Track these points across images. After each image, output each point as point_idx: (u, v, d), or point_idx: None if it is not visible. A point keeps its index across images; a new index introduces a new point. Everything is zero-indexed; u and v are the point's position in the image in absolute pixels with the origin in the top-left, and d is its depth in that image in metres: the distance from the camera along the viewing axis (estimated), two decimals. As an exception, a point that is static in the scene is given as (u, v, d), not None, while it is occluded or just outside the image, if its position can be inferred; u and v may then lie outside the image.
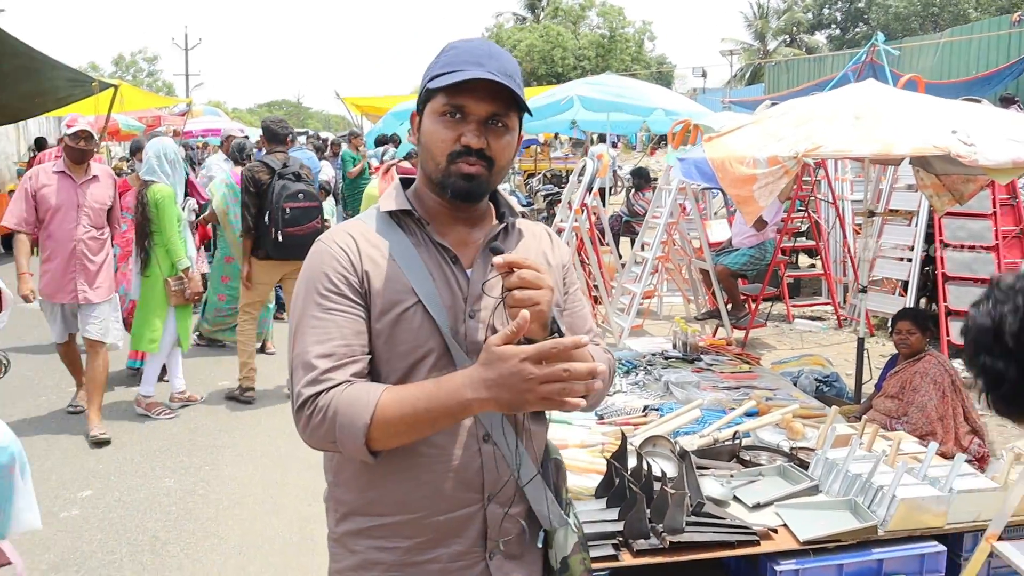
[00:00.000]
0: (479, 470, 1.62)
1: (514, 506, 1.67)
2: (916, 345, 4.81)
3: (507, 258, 1.45)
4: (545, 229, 1.89)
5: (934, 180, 5.16)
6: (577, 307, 1.84)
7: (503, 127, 1.62)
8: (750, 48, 46.47)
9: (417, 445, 1.57)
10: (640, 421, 4.33)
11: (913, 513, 3.19)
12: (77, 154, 5.71)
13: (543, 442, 1.78)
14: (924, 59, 16.05)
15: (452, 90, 1.57)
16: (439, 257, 1.66)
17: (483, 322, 1.62)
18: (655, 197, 8.52)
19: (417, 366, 1.60)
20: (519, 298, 1.43)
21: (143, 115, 21.23)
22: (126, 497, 4.80)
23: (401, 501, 1.61)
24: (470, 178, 1.60)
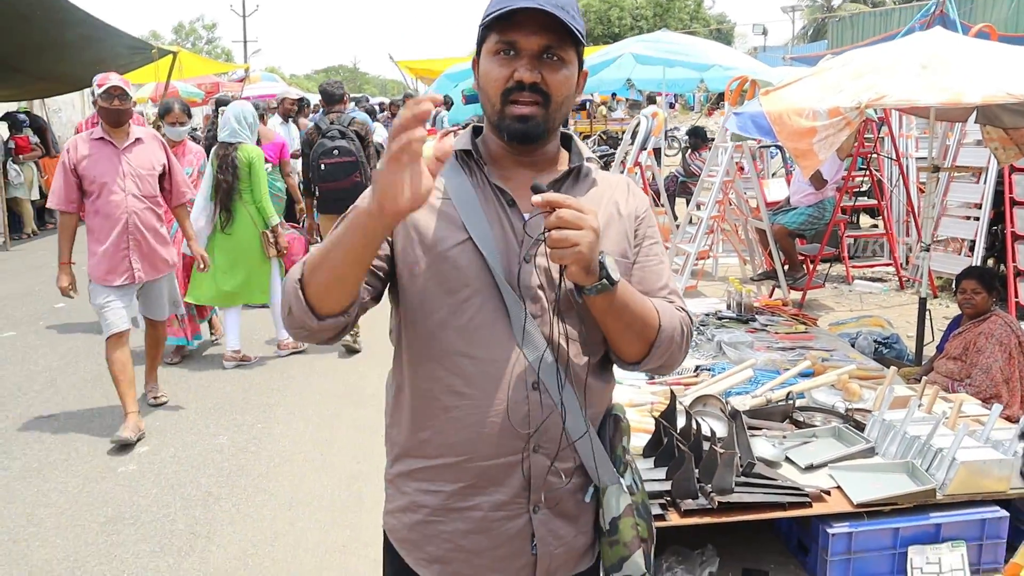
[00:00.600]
0: (525, 417, 1.55)
1: (562, 460, 1.60)
2: (981, 305, 4.63)
3: (546, 197, 1.38)
4: (626, 180, 1.81)
5: (1001, 134, 4.93)
6: (651, 261, 1.73)
7: (558, 60, 1.56)
8: (813, 4, 45.10)
9: (465, 386, 1.55)
10: (691, 381, 4.25)
11: (974, 477, 3.08)
12: (113, 115, 4.97)
13: (604, 398, 1.70)
14: (998, 10, 15.34)
15: (502, 25, 1.53)
16: (496, 199, 1.61)
17: (539, 267, 1.57)
18: (711, 155, 8.32)
19: (464, 305, 1.56)
20: (556, 238, 1.37)
21: (202, 82, 21.49)
22: (181, 453, 4.88)
23: (446, 443, 1.59)
24: (525, 119, 1.55)
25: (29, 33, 10.84)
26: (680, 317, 1.67)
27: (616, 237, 1.67)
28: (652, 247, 1.75)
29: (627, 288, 1.54)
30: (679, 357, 1.68)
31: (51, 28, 10.95)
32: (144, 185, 5.10)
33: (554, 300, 1.57)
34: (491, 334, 1.56)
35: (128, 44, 13.14)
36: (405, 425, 1.65)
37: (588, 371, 1.62)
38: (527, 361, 1.56)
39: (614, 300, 1.50)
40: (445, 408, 1.58)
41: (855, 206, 9.24)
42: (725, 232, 9.17)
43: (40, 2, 9.90)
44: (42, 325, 7.73)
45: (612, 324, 1.56)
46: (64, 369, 6.43)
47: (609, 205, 1.69)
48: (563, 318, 1.59)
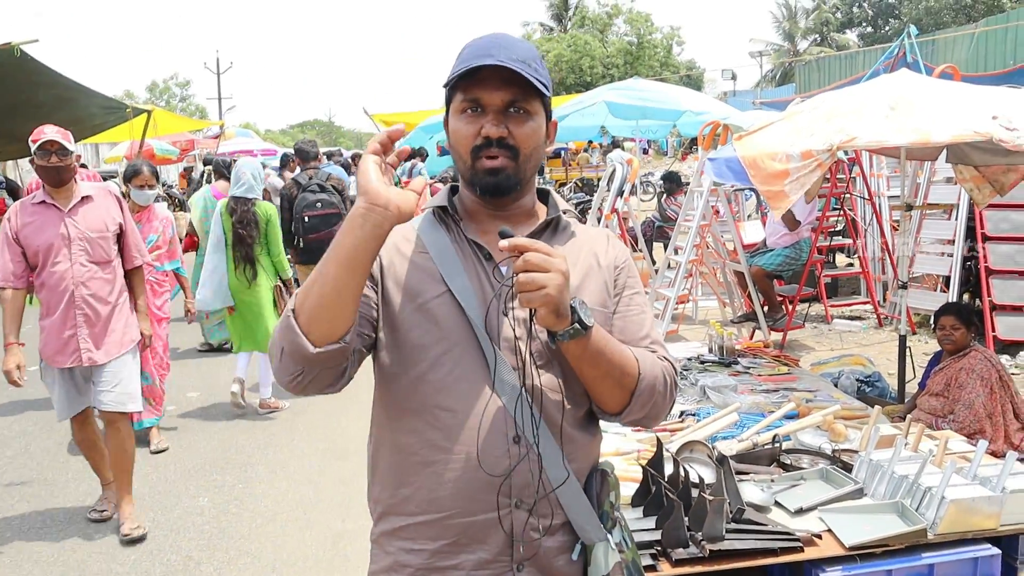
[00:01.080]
0: (507, 471, 1.54)
1: (545, 516, 1.58)
2: (961, 341, 4.65)
3: (513, 241, 1.40)
4: (606, 232, 1.83)
5: (973, 173, 5.00)
6: (632, 311, 1.72)
7: (524, 113, 1.58)
8: (780, 49, 46.09)
9: (444, 441, 1.54)
10: (676, 427, 4.22)
11: (964, 515, 3.06)
12: (52, 174, 4.33)
13: (589, 452, 1.68)
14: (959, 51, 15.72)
15: (466, 84, 1.56)
16: (472, 254, 1.63)
17: (517, 319, 1.57)
18: (687, 200, 8.40)
19: (443, 357, 1.56)
20: (523, 281, 1.39)
21: (177, 139, 21.55)
22: (160, 517, 4.78)
23: (428, 499, 1.57)
24: (495, 172, 1.58)
25: (2, 95, 10.84)
26: (663, 366, 1.65)
27: (595, 288, 1.67)
28: (633, 297, 1.74)
29: (603, 335, 1.53)
30: (664, 407, 1.67)
31: (23, 89, 10.96)
32: (95, 250, 4.43)
33: (538, 352, 1.57)
34: (470, 387, 1.55)
35: (102, 104, 13.16)
36: (387, 482, 1.64)
37: (570, 424, 1.61)
38: (507, 414, 1.54)
39: (588, 346, 1.49)
40: (426, 463, 1.56)
41: (831, 246, 9.33)
42: (704, 275, 9.22)
43: (13, 63, 9.92)
44: (14, 390, 7.58)
45: (588, 372, 1.54)
46: (38, 434, 6.31)
47: (588, 257, 1.70)
48: (543, 369, 1.58)
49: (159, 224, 6.00)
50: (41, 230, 4.35)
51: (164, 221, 6.06)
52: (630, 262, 1.79)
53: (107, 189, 4.68)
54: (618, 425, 4.36)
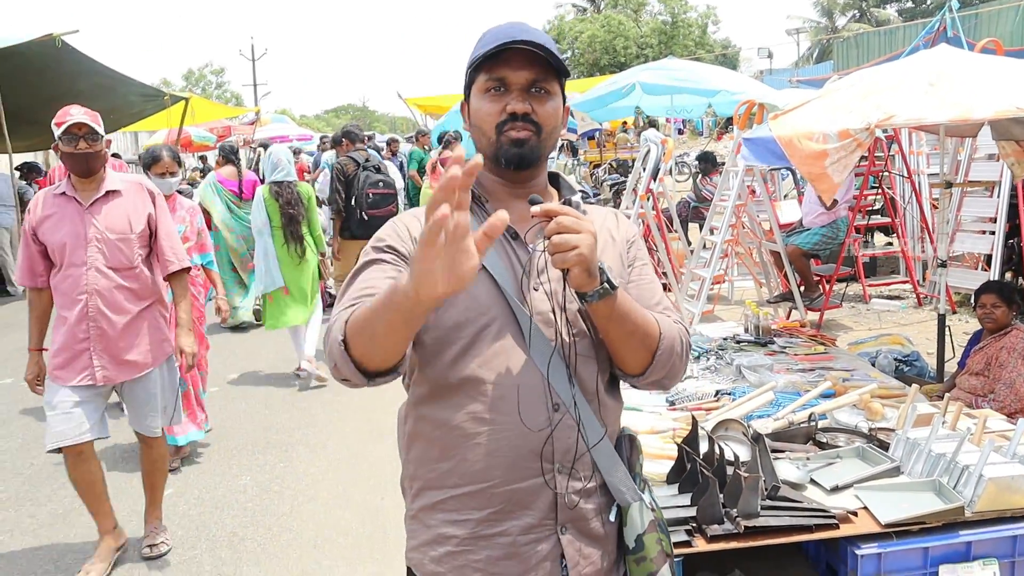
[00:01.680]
0: (548, 439, 1.60)
1: (586, 480, 1.65)
2: (1002, 319, 4.60)
3: (544, 206, 1.47)
4: (612, 211, 1.90)
5: (1015, 147, 4.92)
6: (644, 280, 1.80)
7: (545, 92, 1.66)
8: (817, 26, 45.35)
9: (486, 412, 1.59)
10: (712, 406, 4.23)
11: (1003, 493, 3.04)
12: (80, 162, 3.79)
13: (618, 416, 1.77)
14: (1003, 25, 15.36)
15: (490, 65, 1.64)
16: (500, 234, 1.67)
17: (548, 294, 1.64)
18: (722, 180, 8.34)
19: (482, 333, 1.61)
20: (556, 243, 1.44)
21: (214, 126, 21.78)
22: (205, 495, 4.90)
23: (471, 471, 1.62)
24: (520, 143, 1.64)
25: (43, 85, 11.04)
26: (679, 328, 1.73)
27: (612, 261, 1.74)
28: (644, 268, 1.83)
29: (627, 297, 1.60)
30: (681, 368, 1.73)
31: (64, 79, 11.16)
32: (113, 254, 3.84)
33: (568, 323, 1.64)
34: (509, 360, 1.61)
35: (140, 92, 13.37)
36: (426, 458, 1.68)
37: (602, 388, 1.69)
38: (546, 384, 1.61)
39: (615, 306, 1.55)
40: (467, 435, 1.61)
41: (869, 225, 9.23)
42: (739, 256, 9.17)
43: (55, 55, 10.10)
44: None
45: (615, 332, 1.61)
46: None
47: (603, 232, 1.77)
48: (576, 338, 1.65)
49: (185, 214, 5.39)
50: (58, 227, 3.80)
51: (191, 211, 5.47)
52: (639, 236, 1.88)
53: (139, 183, 4.09)
54: (653, 402, 4.38)
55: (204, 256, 5.54)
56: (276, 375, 7.33)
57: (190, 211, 5.48)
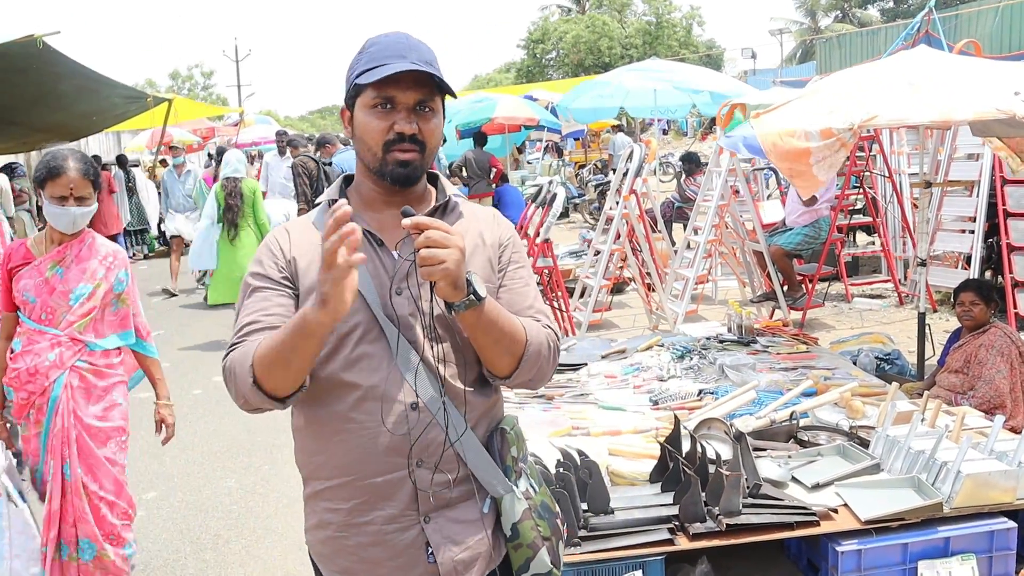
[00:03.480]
0: (406, 436, 1.71)
1: (447, 472, 1.75)
2: (980, 317, 4.65)
3: (415, 219, 1.54)
4: (492, 212, 1.99)
5: (998, 143, 4.98)
6: (516, 284, 1.88)
7: (430, 111, 1.76)
8: (801, 26, 45.58)
9: (349, 412, 1.71)
10: (695, 405, 4.26)
11: (980, 489, 3.09)
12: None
13: (489, 412, 1.85)
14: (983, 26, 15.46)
15: (380, 83, 1.70)
16: (367, 242, 1.76)
17: (411, 298, 1.74)
18: (705, 180, 8.39)
19: (346, 339, 1.72)
20: (424, 256, 1.52)
21: (197, 127, 21.69)
22: (189, 498, 4.89)
23: (338, 464, 1.75)
24: (406, 164, 1.74)
25: (25, 86, 10.95)
26: (546, 333, 1.82)
27: (480, 264, 1.82)
28: (518, 271, 1.90)
29: (494, 305, 1.69)
30: (548, 370, 1.83)
31: (46, 81, 11.07)
32: None
33: (430, 325, 1.74)
34: (371, 362, 1.72)
35: (123, 94, 13.26)
36: (305, 449, 1.82)
37: (466, 387, 1.78)
38: (405, 384, 1.72)
39: (482, 315, 1.63)
40: (335, 432, 1.74)
41: (851, 224, 9.29)
42: (723, 255, 9.21)
43: (36, 55, 10.02)
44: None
45: (482, 339, 1.70)
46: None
47: (474, 235, 1.85)
48: (438, 340, 1.75)
49: (97, 265, 3.44)
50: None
51: (110, 259, 3.49)
52: (515, 239, 1.94)
53: None
54: (637, 403, 4.41)
55: (124, 335, 3.58)
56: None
57: (108, 260, 3.48)
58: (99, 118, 13.81)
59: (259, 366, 1.62)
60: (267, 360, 1.61)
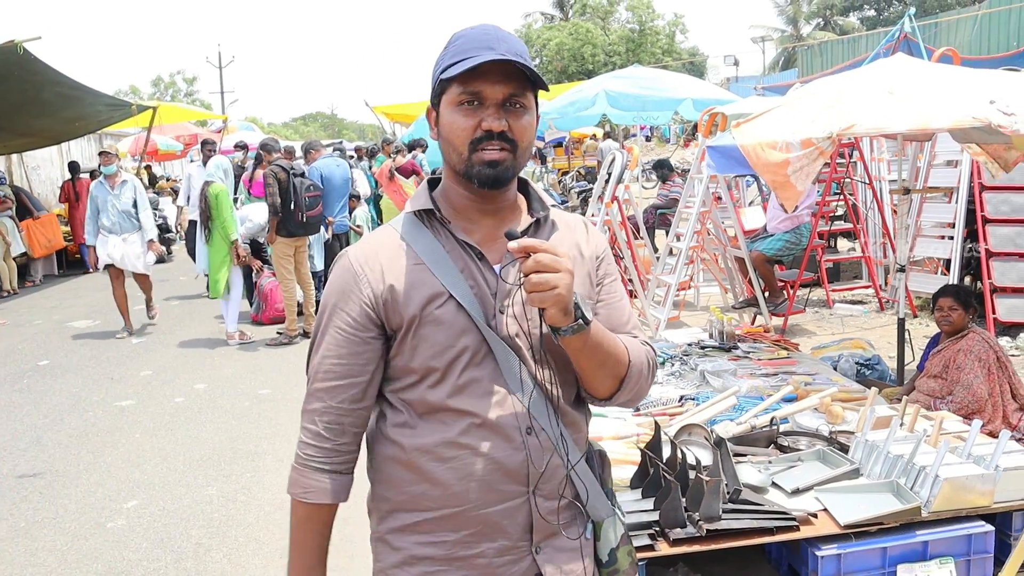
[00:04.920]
0: (523, 462, 1.61)
1: (561, 499, 1.66)
2: (958, 322, 4.69)
3: (522, 242, 1.44)
4: (582, 220, 1.85)
5: (977, 149, 5.03)
6: (614, 298, 1.79)
7: (521, 107, 1.59)
8: (783, 34, 45.90)
9: (459, 438, 1.59)
10: (676, 411, 4.28)
11: (958, 493, 3.11)
12: None
13: (586, 431, 1.77)
14: (962, 34, 15.64)
15: (466, 77, 1.55)
16: (464, 255, 1.63)
17: (515, 316, 1.61)
18: (687, 186, 8.44)
19: (455, 362, 1.60)
20: (535, 282, 1.42)
21: (180, 134, 21.63)
22: (170, 506, 4.86)
23: (447, 495, 1.62)
24: (495, 164, 1.57)
25: (7, 93, 10.92)
26: (646, 351, 1.74)
27: (580, 279, 1.70)
28: (613, 285, 1.80)
29: (599, 327, 1.58)
30: (645, 389, 1.75)
31: (28, 88, 11.06)
32: None
33: (537, 345, 1.63)
34: (482, 385, 1.60)
35: (107, 103, 13.27)
36: (397, 480, 1.66)
37: (571, 409, 1.69)
38: (519, 408, 1.61)
39: (588, 339, 1.54)
40: (442, 460, 1.60)
41: (832, 231, 9.36)
42: (705, 262, 9.26)
43: (17, 62, 9.99)
44: (25, 383, 7.69)
45: (586, 362, 1.60)
46: (49, 427, 6.39)
47: (571, 248, 1.72)
48: (544, 363, 1.64)
49: None
50: None
51: None
52: (608, 250, 1.83)
53: None
54: (617, 409, 4.41)
55: None
56: (242, 385, 7.29)
57: None
58: (82, 123, 13.80)
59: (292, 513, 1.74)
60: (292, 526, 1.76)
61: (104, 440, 6.03)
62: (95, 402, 6.92)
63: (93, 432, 6.20)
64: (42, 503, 4.98)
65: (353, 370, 1.64)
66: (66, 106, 12.32)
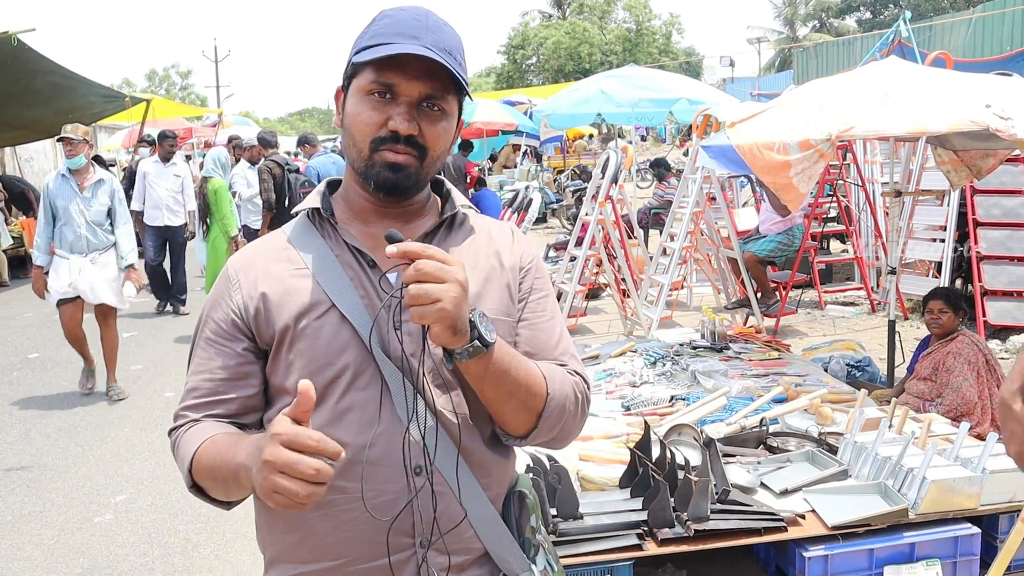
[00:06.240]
0: (409, 509, 1.38)
1: (460, 553, 1.43)
2: (948, 325, 4.71)
3: (402, 247, 1.22)
4: (509, 227, 1.63)
5: (952, 156, 5.06)
6: (539, 318, 1.54)
7: (439, 111, 1.42)
8: (779, 36, 46.00)
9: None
10: (666, 411, 4.29)
11: (945, 495, 3.13)
12: None
13: (504, 474, 1.52)
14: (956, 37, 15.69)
15: (381, 65, 1.37)
16: (355, 262, 1.45)
17: (412, 334, 1.40)
18: (680, 187, 8.45)
19: (333, 384, 1.39)
20: (413, 294, 1.21)
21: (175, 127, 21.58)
22: (159, 501, 4.85)
23: (320, 545, 1.41)
24: (396, 168, 1.40)
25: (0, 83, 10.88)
26: (573, 382, 1.49)
27: (497, 293, 1.50)
28: (542, 301, 1.56)
29: (506, 351, 1.36)
30: (574, 427, 1.51)
31: (21, 78, 11.02)
32: None
33: (426, 370, 1.40)
34: (364, 414, 1.38)
35: (100, 93, 13.24)
36: (273, 526, 1.47)
37: (479, 447, 1.45)
38: (408, 442, 1.36)
39: (489, 365, 1.32)
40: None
41: (824, 232, 9.38)
42: (698, 262, 9.27)
43: (11, 52, 9.96)
44: (15, 376, 7.66)
45: (491, 393, 1.37)
46: (38, 420, 6.36)
47: (489, 257, 1.53)
48: (443, 388, 1.42)
49: None
50: None
51: None
52: (538, 261, 1.61)
53: None
54: (608, 408, 4.41)
55: None
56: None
57: None
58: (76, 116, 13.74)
59: (199, 476, 1.38)
60: (206, 477, 1.37)
61: (93, 434, 6.01)
62: (85, 396, 6.89)
63: (82, 426, 6.18)
64: (29, 497, 4.97)
65: (223, 387, 1.45)
66: (59, 96, 12.29)
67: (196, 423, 1.45)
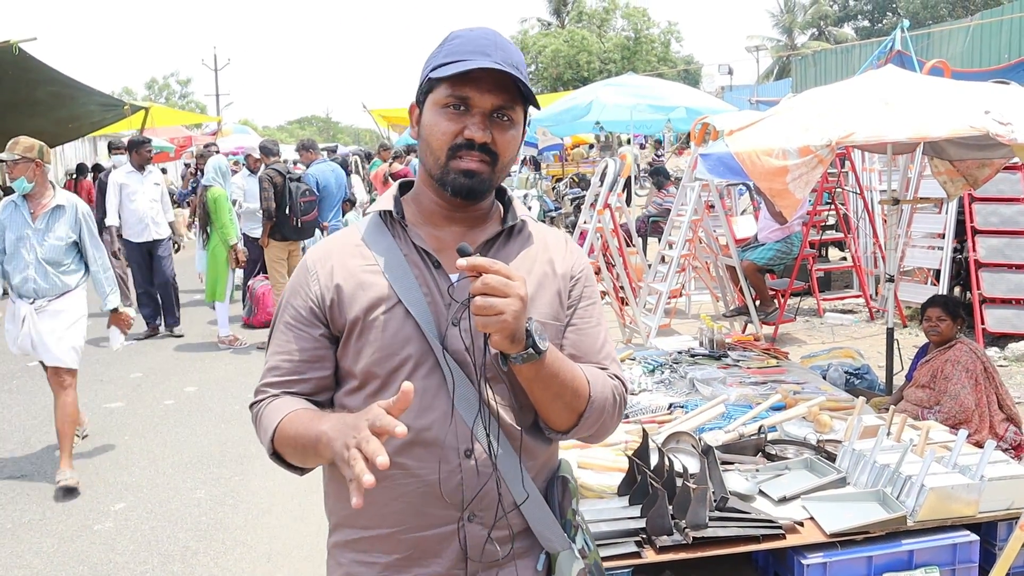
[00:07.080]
0: (458, 486, 1.53)
1: (501, 528, 1.57)
2: (947, 332, 4.72)
3: (472, 261, 1.35)
4: (563, 236, 1.77)
5: (948, 166, 5.07)
6: (587, 324, 1.68)
7: (508, 121, 1.55)
8: (778, 43, 46.10)
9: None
10: (665, 419, 4.29)
11: (943, 502, 3.13)
12: None
13: (548, 459, 1.68)
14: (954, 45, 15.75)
15: (456, 81, 1.50)
16: (421, 262, 1.58)
17: (469, 331, 1.52)
18: (679, 195, 8.46)
19: (397, 372, 1.54)
20: (480, 305, 1.35)
21: (174, 136, 21.60)
22: (158, 509, 4.85)
23: (380, 513, 1.56)
24: (471, 174, 1.52)
25: (0, 92, 10.89)
26: (613, 386, 1.63)
27: (549, 298, 1.63)
28: (589, 308, 1.69)
29: (556, 356, 1.49)
30: (611, 426, 1.65)
31: (22, 87, 11.03)
32: None
33: (481, 363, 1.54)
34: (423, 401, 1.52)
35: (100, 101, 13.25)
36: (340, 494, 1.62)
37: (527, 434, 1.59)
38: (462, 427, 1.53)
39: (541, 369, 1.46)
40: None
41: (822, 240, 9.40)
42: (696, 270, 9.28)
43: (12, 62, 9.97)
44: (15, 384, 7.65)
45: (539, 393, 1.52)
46: (38, 428, 6.36)
47: (543, 264, 1.65)
48: (494, 382, 1.56)
49: None
50: None
51: None
52: (588, 270, 1.73)
53: None
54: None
55: None
56: (232, 388, 7.28)
57: None
58: (75, 125, 13.77)
59: (279, 445, 1.54)
60: (287, 445, 1.53)
61: (93, 442, 6.01)
62: (84, 404, 6.86)
63: (82, 434, 6.17)
64: (29, 505, 4.96)
65: (301, 367, 1.61)
66: (59, 105, 12.30)
67: (276, 398, 1.61)
